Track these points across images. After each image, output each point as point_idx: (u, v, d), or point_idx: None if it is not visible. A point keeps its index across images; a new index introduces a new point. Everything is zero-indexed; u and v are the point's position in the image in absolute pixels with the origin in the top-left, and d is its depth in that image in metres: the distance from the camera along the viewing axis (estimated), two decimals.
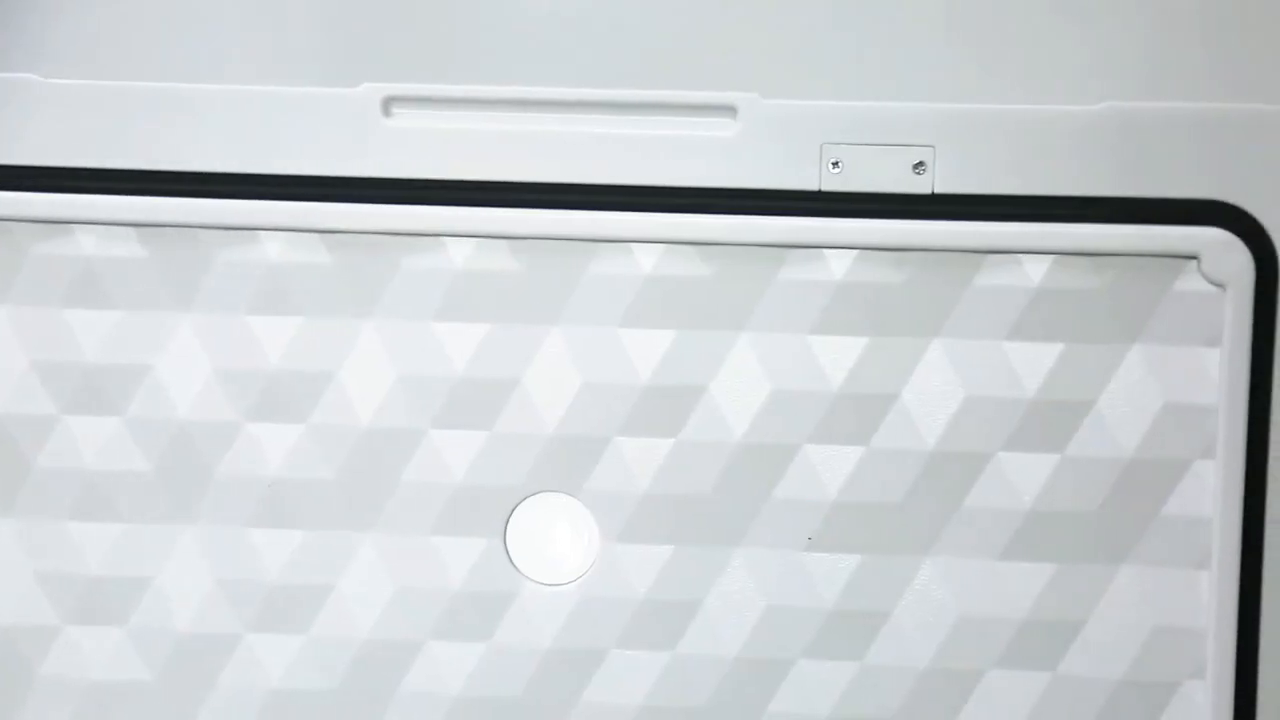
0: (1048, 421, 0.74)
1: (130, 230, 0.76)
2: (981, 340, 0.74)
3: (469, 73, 0.73)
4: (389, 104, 0.75)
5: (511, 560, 0.77)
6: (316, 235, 0.75)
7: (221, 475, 0.77)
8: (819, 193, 0.74)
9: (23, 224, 0.76)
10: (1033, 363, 0.74)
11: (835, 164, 0.74)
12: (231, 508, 0.77)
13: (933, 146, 0.73)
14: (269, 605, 0.77)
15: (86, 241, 0.76)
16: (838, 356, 0.75)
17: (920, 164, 0.73)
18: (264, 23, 0.74)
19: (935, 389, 0.75)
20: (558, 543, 0.77)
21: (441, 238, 0.75)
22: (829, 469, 0.75)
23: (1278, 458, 0.73)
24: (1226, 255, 0.73)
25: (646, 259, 0.75)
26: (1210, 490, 0.74)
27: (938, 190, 0.74)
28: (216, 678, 0.78)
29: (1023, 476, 0.75)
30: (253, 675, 0.78)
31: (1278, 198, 0.72)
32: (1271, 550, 0.74)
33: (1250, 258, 0.73)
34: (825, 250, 0.74)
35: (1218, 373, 0.73)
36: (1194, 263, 0.73)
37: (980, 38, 0.73)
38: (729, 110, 0.74)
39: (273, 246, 0.76)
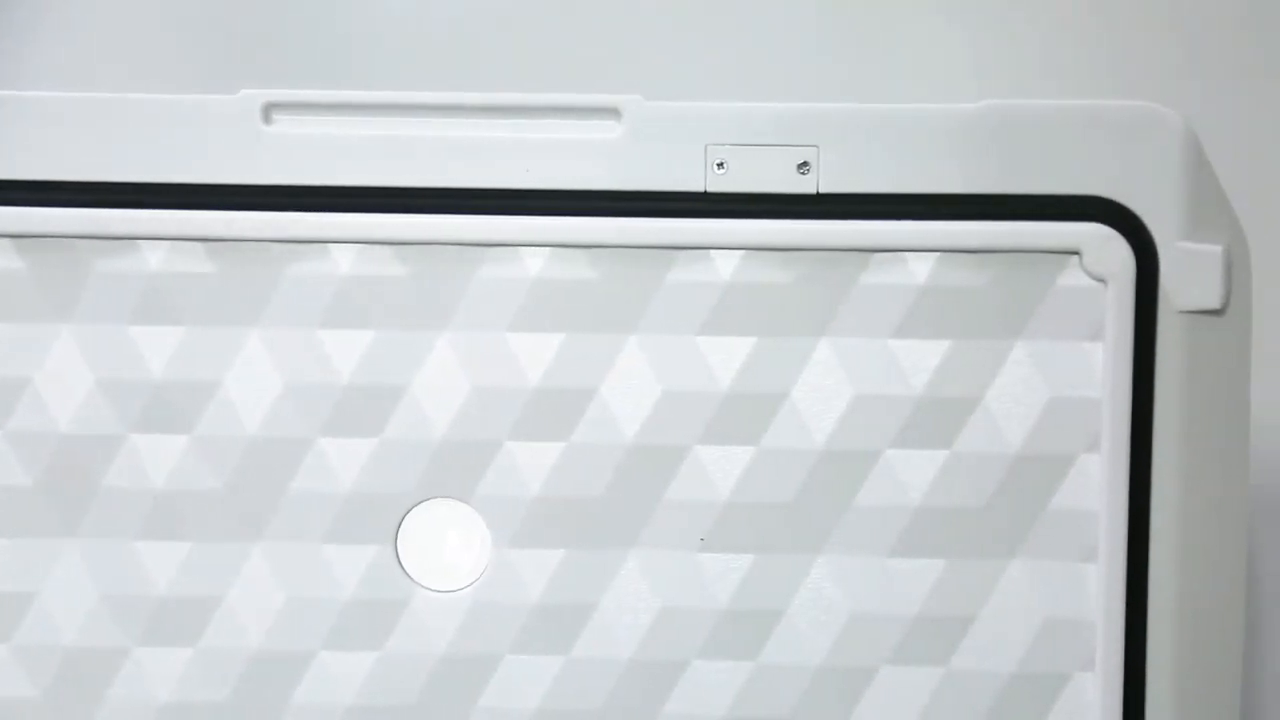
0: (935, 418, 0.75)
1: (7, 241, 0.75)
2: (869, 339, 0.75)
3: (350, 78, 0.73)
4: (269, 110, 0.74)
5: (403, 567, 0.76)
6: (197, 243, 0.75)
7: (106, 488, 0.76)
8: (704, 194, 0.74)
9: None
10: (919, 360, 0.75)
11: (720, 165, 0.74)
12: (116, 520, 0.76)
13: (816, 146, 0.73)
14: (156, 618, 0.76)
15: None
16: (727, 357, 0.75)
17: (804, 164, 0.74)
18: (140, 29, 0.74)
19: (824, 388, 0.75)
20: (449, 549, 0.76)
21: (325, 244, 0.75)
22: (720, 469, 0.75)
23: (1161, 450, 0.74)
24: (1107, 250, 0.73)
25: (533, 262, 0.75)
26: (1096, 483, 0.74)
27: (822, 190, 0.74)
28: (104, 693, 0.77)
29: (911, 473, 0.75)
30: (141, 689, 0.77)
31: (1156, 193, 0.73)
32: (1157, 542, 0.75)
33: (1130, 252, 0.73)
34: (712, 251, 0.75)
35: (1101, 367, 0.74)
36: (1076, 258, 0.74)
37: (861, 38, 0.73)
38: (612, 112, 0.74)
39: (153, 256, 0.75)
